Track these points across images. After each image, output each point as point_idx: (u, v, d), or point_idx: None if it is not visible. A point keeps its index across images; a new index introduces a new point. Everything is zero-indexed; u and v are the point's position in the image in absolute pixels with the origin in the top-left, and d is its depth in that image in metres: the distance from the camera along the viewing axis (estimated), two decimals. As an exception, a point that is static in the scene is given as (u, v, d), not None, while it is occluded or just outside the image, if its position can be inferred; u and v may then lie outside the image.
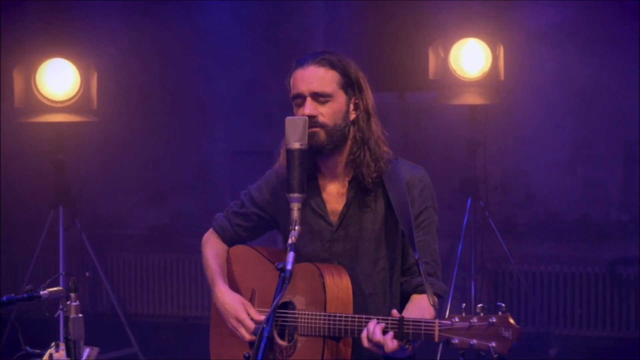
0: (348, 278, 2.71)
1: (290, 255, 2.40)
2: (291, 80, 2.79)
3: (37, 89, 5.41)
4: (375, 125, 2.82)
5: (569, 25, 6.38)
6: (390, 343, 2.44)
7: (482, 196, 6.16)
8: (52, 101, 5.44)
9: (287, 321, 2.74)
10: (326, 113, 2.71)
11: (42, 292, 2.48)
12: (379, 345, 2.46)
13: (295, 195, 2.53)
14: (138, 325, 6.25)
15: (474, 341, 2.29)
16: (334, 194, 2.83)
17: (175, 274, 6.93)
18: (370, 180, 2.74)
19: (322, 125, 2.71)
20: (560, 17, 6.33)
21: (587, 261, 6.43)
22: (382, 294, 2.77)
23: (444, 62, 5.91)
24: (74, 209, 5.64)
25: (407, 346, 2.44)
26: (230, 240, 3.02)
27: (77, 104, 5.44)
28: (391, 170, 2.78)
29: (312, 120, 2.69)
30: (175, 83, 6.95)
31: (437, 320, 2.38)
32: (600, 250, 6.40)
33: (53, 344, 3.12)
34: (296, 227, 2.49)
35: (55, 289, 2.51)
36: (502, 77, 5.86)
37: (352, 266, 2.77)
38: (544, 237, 6.59)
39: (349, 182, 2.81)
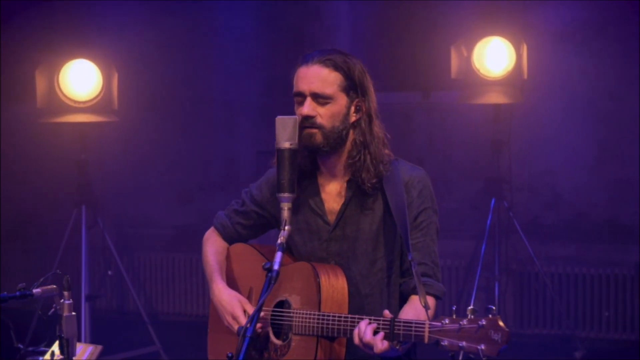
0: (344, 278, 2.70)
1: (278, 255, 2.40)
2: (295, 76, 2.76)
3: (60, 90, 5.48)
4: (377, 128, 2.78)
5: (595, 23, 6.28)
6: (380, 344, 2.44)
7: (506, 196, 6.09)
8: (75, 101, 5.51)
9: (282, 320, 2.74)
10: (324, 114, 2.69)
11: (35, 291, 2.50)
12: (369, 346, 2.46)
13: (285, 195, 2.53)
14: (164, 324, 6.31)
15: (463, 343, 2.27)
16: (333, 194, 2.81)
17: (201, 274, 6.96)
18: (370, 185, 2.73)
19: (320, 127, 2.69)
20: (586, 15, 6.23)
21: (614, 263, 6.32)
22: (379, 294, 2.76)
23: (467, 61, 5.86)
24: (96, 208, 5.70)
25: (397, 347, 2.43)
26: (230, 238, 3.02)
27: (99, 105, 5.51)
28: (390, 172, 2.76)
29: (310, 121, 2.68)
30: (200, 84, 6.99)
31: (427, 322, 2.36)
32: (628, 252, 6.28)
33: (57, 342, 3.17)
34: (286, 227, 2.49)
35: (48, 287, 2.52)
36: (525, 76, 5.78)
37: (349, 266, 2.76)
38: (570, 239, 6.50)
39: (348, 181, 2.79)
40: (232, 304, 2.78)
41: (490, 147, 6.08)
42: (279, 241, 2.46)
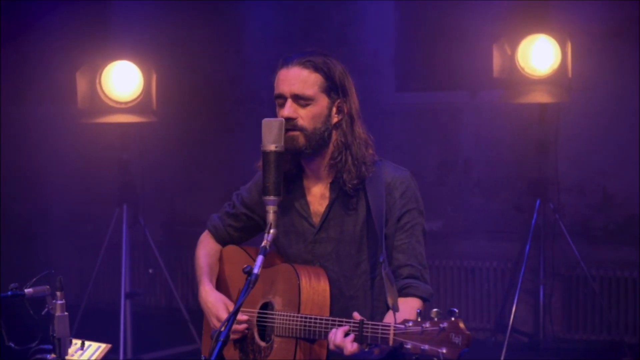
0: (326, 281, 2.68)
1: (259, 259, 2.40)
2: (275, 79, 2.76)
3: (102, 91, 5.58)
4: (360, 129, 2.78)
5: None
6: (350, 346, 2.43)
7: (552, 198, 5.95)
8: (117, 102, 5.61)
9: (267, 322, 2.75)
10: (305, 116, 2.69)
11: (26, 290, 2.54)
12: (340, 348, 2.45)
13: (271, 198, 2.52)
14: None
15: (426, 346, 2.25)
16: (317, 196, 2.81)
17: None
18: (350, 186, 2.72)
19: (301, 129, 2.69)
20: (633, 11, 6.02)
21: (667, 267, 6.11)
22: (363, 296, 2.75)
23: (511, 59, 5.74)
24: (137, 207, 5.80)
25: (366, 349, 2.41)
26: (223, 240, 3.04)
27: (139, 105, 5.59)
28: (373, 173, 2.74)
29: (291, 123, 2.67)
30: (249, 84, 7.02)
31: (392, 325, 2.34)
32: (681, 256, 6.07)
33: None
34: (271, 231, 2.48)
35: (40, 287, 2.56)
36: (570, 74, 5.63)
37: (333, 268, 2.75)
38: (621, 242, 6.30)
39: (331, 183, 2.79)
40: (217, 307, 2.80)
41: (535, 148, 5.95)
42: (262, 244, 2.46)
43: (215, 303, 2.82)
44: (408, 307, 2.57)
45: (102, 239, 5.87)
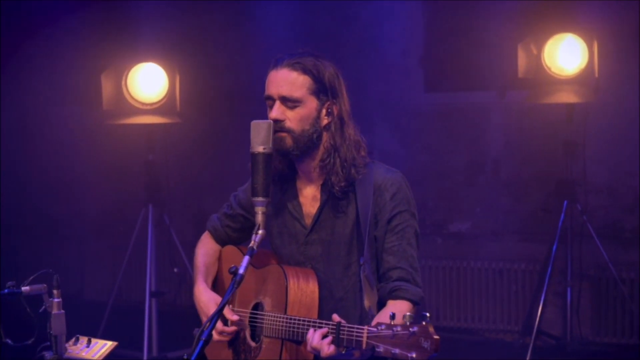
0: (315, 282, 2.69)
1: (245, 259, 2.42)
2: (266, 80, 2.76)
3: (128, 92, 5.66)
4: (351, 131, 2.77)
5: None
6: (327, 348, 2.43)
7: (580, 199, 5.88)
8: (142, 103, 5.68)
9: (257, 322, 2.77)
10: (293, 118, 2.69)
11: (23, 288, 2.60)
12: (317, 350, 2.45)
13: (259, 199, 2.55)
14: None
15: (397, 350, 2.22)
16: (309, 197, 2.82)
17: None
18: (338, 188, 2.72)
19: (289, 130, 2.70)
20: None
21: (699, 270, 5.99)
22: (352, 298, 2.74)
23: (537, 59, 5.69)
24: (162, 207, 5.87)
25: (343, 351, 2.41)
26: (221, 240, 3.07)
27: (164, 106, 5.66)
28: (363, 175, 2.73)
29: (279, 125, 2.68)
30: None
31: (366, 327, 2.33)
32: None
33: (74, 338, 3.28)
34: (259, 232, 2.51)
35: (37, 285, 2.62)
36: (596, 74, 5.55)
37: (323, 270, 2.76)
38: (652, 244, 6.20)
39: (322, 185, 2.79)
40: (209, 306, 2.83)
41: (563, 148, 5.89)
42: (250, 245, 2.48)
43: (207, 302, 2.85)
44: (397, 310, 2.48)
45: (131, 238, 5.95)
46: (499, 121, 6.63)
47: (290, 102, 2.69)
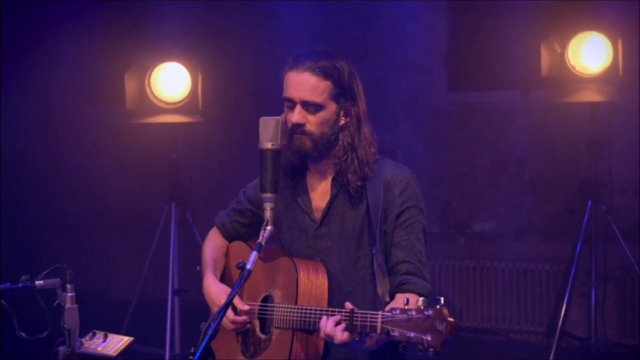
0: (325, 275, 2.72)
1: (253, 255, 2.44)
2: (285, 79, 2.78)
3: (152, 92, 5.70)
4: (366, 130, 2.82)
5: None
6: (340, 334, 2.45)
7: (604, 199, 5.82)
8: (165, 103, 5.72)
9: (266, 314, 2.79)
10: (314, 122, 2.73)
11: (37, 282, 2.63)
12: (330, 337, 2.47)
13: (268, 195, 2.57)
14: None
15: (412, 334, 2.26)
16: (319, 191, 2.86)
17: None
18: (354, 186, 2.76)
19: (309, 134, 2.74)
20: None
21: None
22: (361, 292, 2.77)
23: (561, 57, 5.64)
24: (185, 205, 5.91)
25: (356, 338, 2.43)
26: (229, 236, 3.10)
27: (186, 105, 5.69)
28: (374, 171, 2.78)
29: (300, 128, 2.73)
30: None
31: (380, 312, 2.36)
32: None
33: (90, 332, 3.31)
34: (267, 227, 2.53)
35: (50, 280, 2.65)
36: (620, 72, 5.50)
37: (333, 263, 2.79)
38: (679, 245, 6.11)
39: (333, 179, 2.83)
40: (219, 297, 2.85)
41: (587, 148, 5.83)
42: (258, 240, 2.50)
43: (217, 294, 2.87)
44: (410, 301, 2.52)
45: (154, 237, 6.00)
46: (523, 120, 6.59)
47: (311, 107, 2.72)
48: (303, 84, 2.70)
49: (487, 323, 6.54)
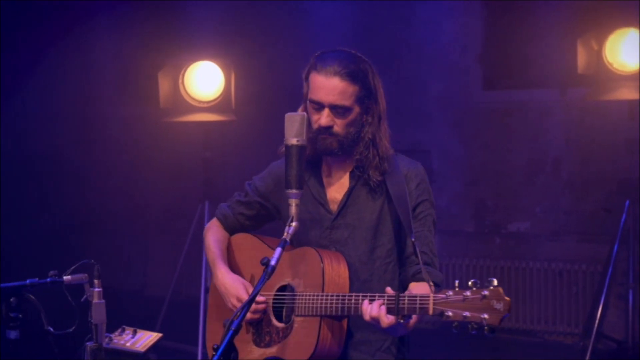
0: (345, 264, 2.78)
1: (277, 251, 2.45)
2: (311, 80, 2.82)
3: (185, 90, 5.72)
4: (384, 127, 2.89)
5: None
6: (386, 318, 2.52)
7: (643, 199, 5.72)
8: (199, 101, 5.74)
9: (284, 303, 2.83)
10: (341, 124, 2.79)
11: (65, 278, 2.65)
12: (376, 320, 2.54)
13: (293, 191, 2.58)
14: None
15: (467, 313, 2.35)
16: (335, 183, 2.91)
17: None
18: (375, 180, 2.83)
19: (336, 135, 2.80)
20: None
21: None
22: (377, 281, 2.84)
23: (598, 55, 5.55)
24: (218, 203, 5.90)
25: (402, 320, 2.51)
26: (232, 228, 3.12)
27: (220, 104, 5.71)
28: (391, 166, 2.86)
29: (328, 131, 2.79)
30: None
31: (431, 295, 2.45)
32: None
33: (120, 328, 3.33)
34: (292, 224, 2.54)
35: (78, 275, 2.67)
36: (658, 69, 5.40)
37: (349, 253, 2.84)
38: None
39: (351, 172, 2.89)
40: (236, 287, 2.88)
41: (625, 146, 5.75)
42: (283, 236, 2.51)
43: (233, 284, 2.90)
44: (422, 290, 2.64)
45: (185, 236, 6.03)
46: (559, 119, 6.51)
47: (340, 110, 2.78)
48: (333, 88, 2.75)
49: (522, 324, 6.47)
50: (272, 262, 2.41)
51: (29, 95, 6.52)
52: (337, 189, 2.91)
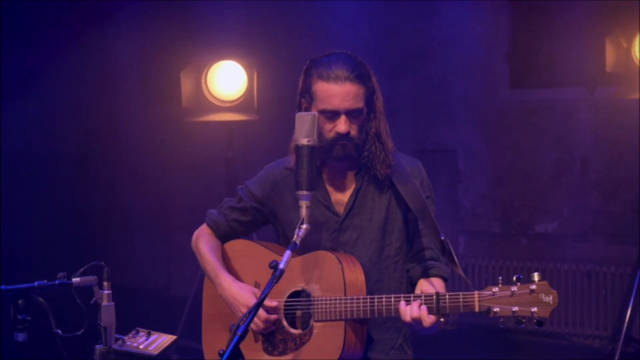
0: (360, 266, 2.74)
1: (287, 254, 2.40)
2: (317, 91, 2.74)
3: (208, 90, 5.70)
4: (385, 121, 2.85)
5: None
6: (428, 317, 2.51)
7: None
8: (222, 101, 5.72)
9: (300, 309, 2.75)
10: (356, 127, 2.76)
11: (74, 280, 2.63)
12: (418, 321, 2.52)
13: (304, 192, 2.53)
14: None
15: (516, 308, 2.38)
16: (339, 185, 2.87)
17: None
18: (383, 173, 2.79)
19: (353, 139, 2.75)
20: None
21: None
22: (387, 280, 2.83)
23: (627, 53, 5.45)
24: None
25: (442, 320, 2.52)
26: (224, 235, 3.04)
27: (242, 103, 5.68)
28: (394, 162, 2.83)
29: (347, 137, 2.74)
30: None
31: (476, 292, 2.46)
32: None
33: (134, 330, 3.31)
34: (303, 226, 2.49)
35: (87, 277, 2.65)
36: (687, 67, 5.28)
37: (359, 254, 2.80)
38: None
39: (356, 174, 2.85)
40: (246, 296, 2.80)
41: (655, 146, 5.64)
42: (294, 239, 2.45)
43: (242, 292, 2.81)
44: (437, 285, 2.73)
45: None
46: (587, 118, 6.40)
47: (354, 113, 2.74)
48: (347, 94, 2.71)
49: (549, 326, 6.37)
50: (281, 265, 2.36)
51: (52, 94, 6.54)
52: (342, 190, 2.87)
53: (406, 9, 6.78)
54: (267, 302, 2.76)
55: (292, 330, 2.77)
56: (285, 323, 2.78)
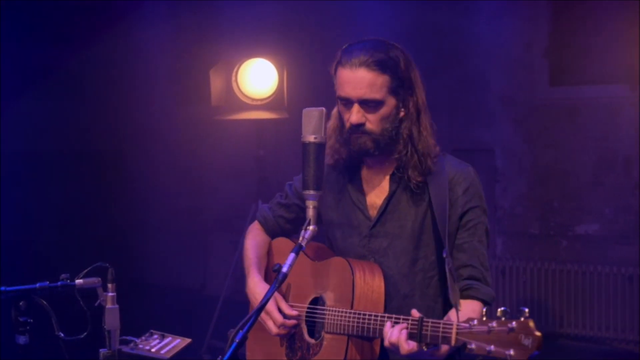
0: (381, 277, 2.54)
1: (291, 257, 2.26)
2: (337, 76, 2.56)
3: (238, 88, 5.64)
4: (425, 121, 2.59)
5: None
6: (406, 344, 2.27)
7: None
8: (252, 99, 5.65)
9: (316, 317, 2.62)
10: (374, 120, 2.53)
11: (77, 281, 2.57)
12: (395, 346, 2.29)
13: (310, 192, 2.39)
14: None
15: (492, 347, 2.05)
16: (376, 187, 2.67)
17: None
18: (415, 182, 2.57)
19: (369, 133, 2.54)
20: None
21: None
22: (419, 296, 2.59)
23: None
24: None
25: (425, 349, 2.24)
26: (272, 231, 2.93)
27: (273, 102, 5.60)
28: (437, 167, 2.58)
29: (360, 128, 2.53)
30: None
31: (455, 323, 2.16)
32: None
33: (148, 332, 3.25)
34: (309, 227, 2.35)
35: (90, 279, 2.58)
36: None
37: (388, 264, 2.60)
38: None
39: (391, 175, 2.63)
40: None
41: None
42: (299, 241, 2.33)
43: (262, 293, 2.67)
44: (468, 310, 2.40)
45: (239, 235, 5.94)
46: (631, 116, 6.19)
47: (371, 104, 2.52)
48: (360, 81, 2.49)
49: (589, 331, 6.18)
50: (284, 269, 2.22)
51: (80, 94, 6.53)
52: (377, 193, 2.65)
53: (442, 5, 6.64)
54: (287, 310, 2.64)
55: (308, 339, 2.65)
56: (304, 330, 2.66)
